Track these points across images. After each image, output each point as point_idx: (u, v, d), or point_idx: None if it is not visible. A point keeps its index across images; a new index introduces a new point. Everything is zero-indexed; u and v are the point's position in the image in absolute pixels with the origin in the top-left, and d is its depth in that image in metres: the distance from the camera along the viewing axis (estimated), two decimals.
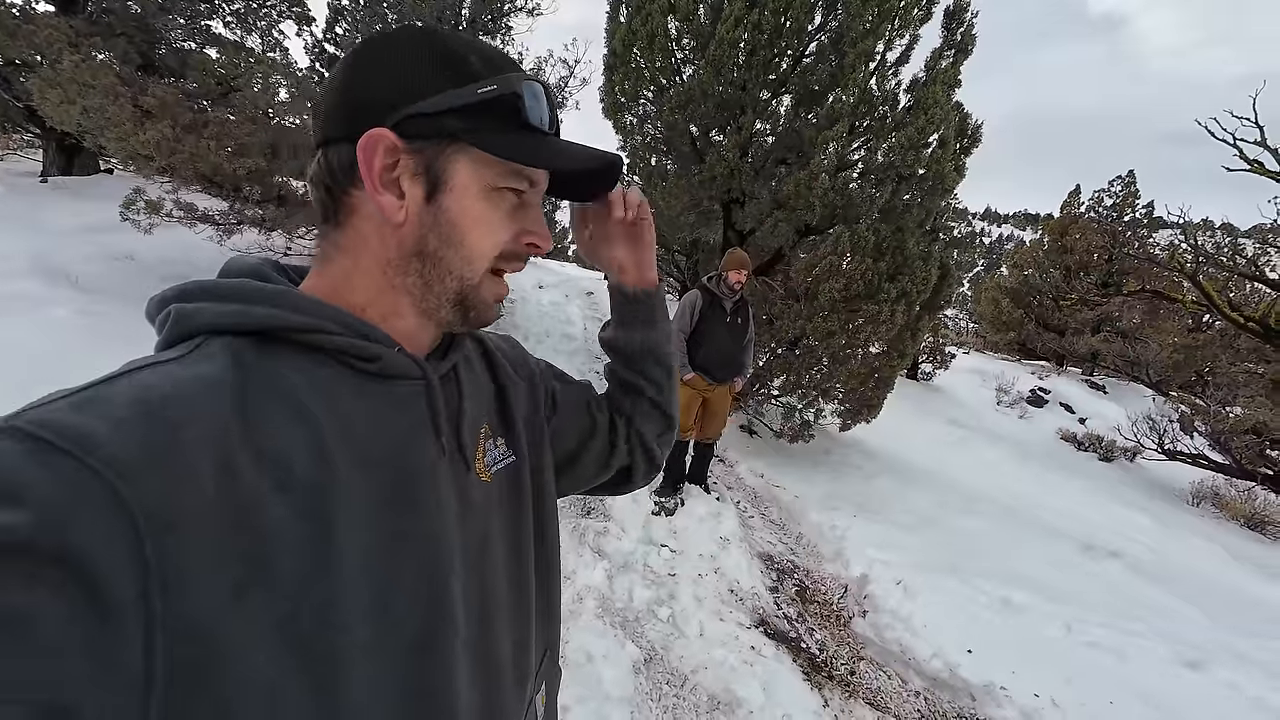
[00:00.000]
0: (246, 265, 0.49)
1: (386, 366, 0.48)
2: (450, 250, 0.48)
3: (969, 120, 4.74)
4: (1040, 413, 10.35)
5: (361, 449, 0.44)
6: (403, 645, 0.44)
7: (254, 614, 0.35)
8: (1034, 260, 16.43)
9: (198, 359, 0.40)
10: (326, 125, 0.47)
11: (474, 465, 0.56)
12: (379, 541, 0.43)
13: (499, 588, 0.56)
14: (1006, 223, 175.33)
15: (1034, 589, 3.58)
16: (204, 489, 0.34)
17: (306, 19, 8.11)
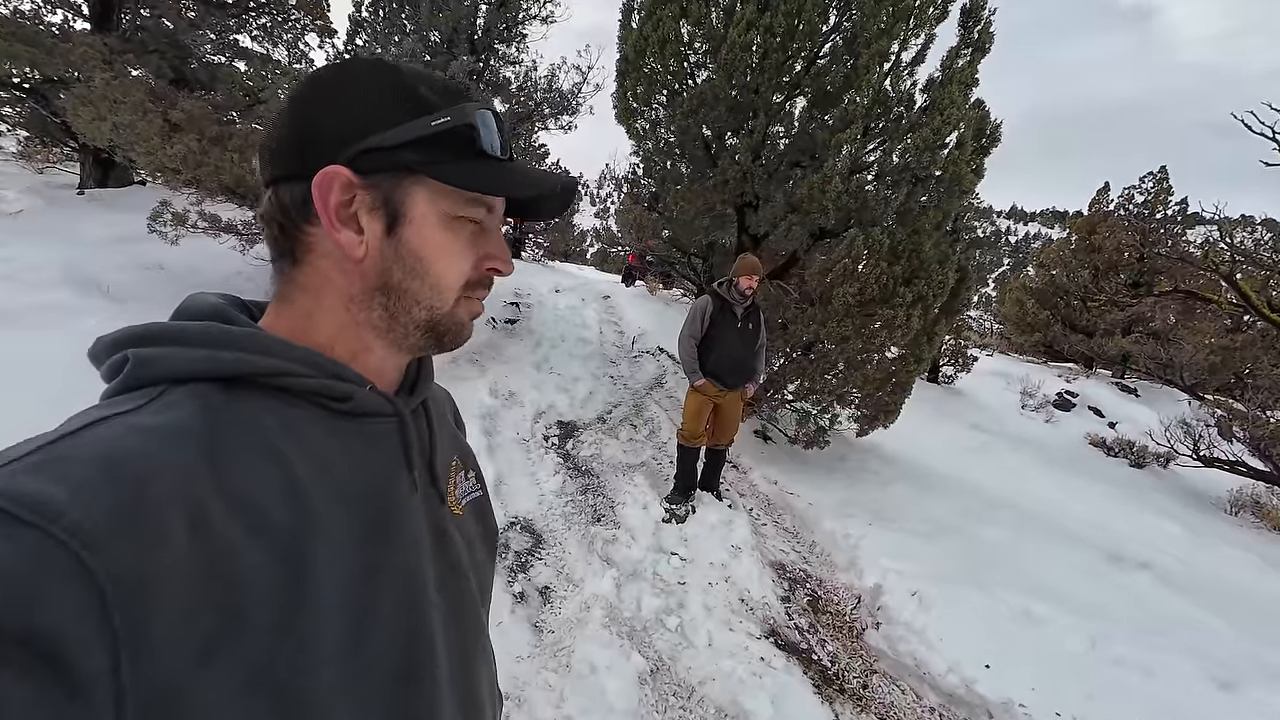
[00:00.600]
0: (209, 305, 0.47)
1: (358, 405, 0.48)
2: (416, 281, 0.48)
3: (988, 119, 4.64)
4: (1067, 417, 10.06)
5: (336, 487, 0.44)
6: (384, 679, 0.44)
7: (226, 670, 0.34)
8: (1061, 260, 15.99)
9: (161, 408, 0.39)
10: (276, 162, 0.47)
11: (448, 498, 0.57)
12: (356, 577, 0.43)
13: (473, 621, 0.57)
14: (1033, 220, 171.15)
15: (1056, 601, 3.47)
16: (174, 547, 0.33)
17: (329, 31, 8.30)
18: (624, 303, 11.12)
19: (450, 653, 0.51)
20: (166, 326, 0.44)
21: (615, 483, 3.97)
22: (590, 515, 3.50)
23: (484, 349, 6.38)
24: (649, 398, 6.03)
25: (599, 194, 19.02)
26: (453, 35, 5.94)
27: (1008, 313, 17.29)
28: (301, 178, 0.45)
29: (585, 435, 4.73)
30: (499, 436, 4.25)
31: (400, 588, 0.47)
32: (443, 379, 3.17)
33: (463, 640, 0.54)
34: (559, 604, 2.70)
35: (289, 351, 0.45)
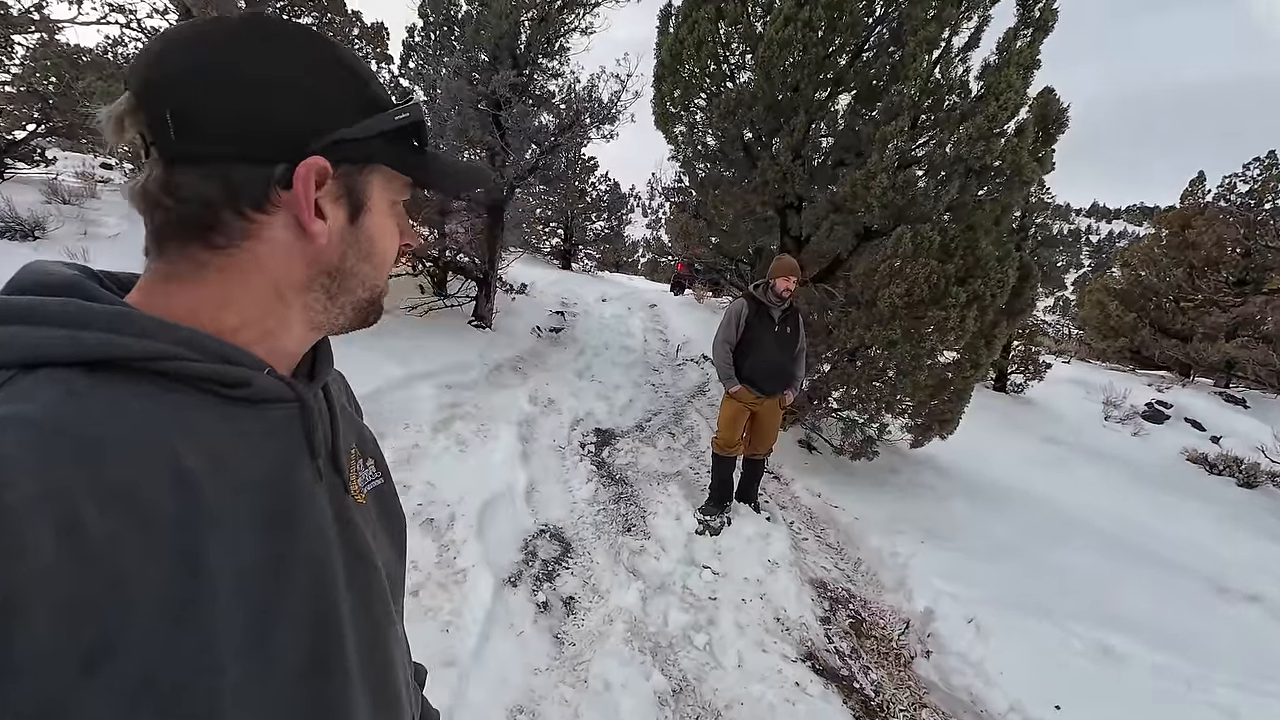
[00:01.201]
0: (61, 278, 0.41)
1: (256, 391, 0.44)
2: (366, 264, 0.50)
3: (1054, 104, 4.28)
4: (1160, 430, 9.11)
5: (231, 477, 0.40)
6: (292, 673, 0.42)
7: (114, 678, 0.31)
8: (1150, 258, 14.62)
9: (11, 397, 0.34)
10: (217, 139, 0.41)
11: (351, 486, 0.55)
12: (258, 569, 0.40)
13: (383, 611, 0.55)
14: (1117, 218, 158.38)
15: (1143, 635, 3.09)
16: (42, 558, 0.29)
17: (386, 57, 8.80)
18: (670, 311, 11.08)
19: (361, 644, 0.49)
20: (10, 302, 0.38)
21: (649, 492, 3.88)
22: (621, 525, 3.42)
23: (527, 356, 6.47)
24: (690, 406, 5.91)
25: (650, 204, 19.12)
26: (496, 52, 6.11)
27: (1087, 316, 15.96)
28: (263, 162, 0.42)
29: (622, 443, 4.67)
30: (535, 443, 4.26)
31: (306, 578, 0.44)
32: (485, 387, 3.21)
33: (373, 630, 0.52)
34: (583, 615, 2.63)
35: (170, 333, 0.40)
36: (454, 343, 5.86)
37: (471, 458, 3.77)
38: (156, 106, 0.40)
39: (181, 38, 0.42)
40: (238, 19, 0.43)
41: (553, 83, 6.99)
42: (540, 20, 6.15)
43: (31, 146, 8.87)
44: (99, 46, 7.95)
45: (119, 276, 0.47)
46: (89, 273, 0.44)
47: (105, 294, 0.42)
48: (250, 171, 0.42)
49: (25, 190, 6.76)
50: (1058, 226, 13.73)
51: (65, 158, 11.23)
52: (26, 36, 7.35)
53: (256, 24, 0.43)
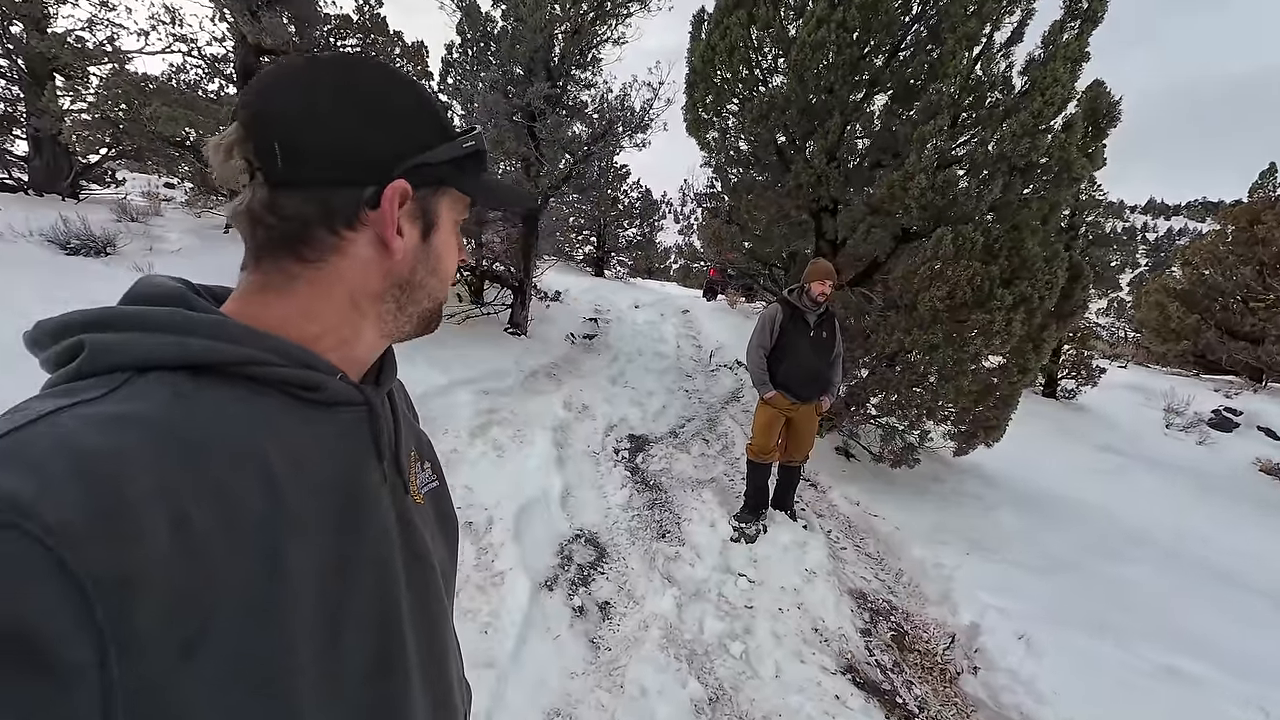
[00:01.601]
0: (168, 290, 0.46)
1: (329, 395, 0.48)
2: (432, 277, 0.54)
3: (1104, 97, 4.09)
4: (1228, 438, 8.54)
5: (309, 477, 0.44)
6: (359, 670, 0.44)
7: (209, 663, 0.34)
8: (1214, 256, 13.76)
9: (128, 397, 0.37)
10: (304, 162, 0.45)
11: (411, 487, 0.57)
12: (330, 569, 0.43)
13: (439, 611, 0.57)
14: (1177, 214, 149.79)
15: (1213, 657, 2.90)
16: (156, 546, 0.32)
17: (427, 75, 9.09)
18: (703, 317, 11.04)
19: (419, 643, 0.52)
20: (125, 311, 0.42)
21: (683, 498, 3.87)
22: (655, 531, 3.42)
23: (562, 363, 6.55)
24: (724, 412, 5.87)
25: (682, 210, 19.16)
26: (531, 65, 6.25)
27: (1145, 318, 15.13)
28: (354, 184, 0.47)
29: (656, 449, 4.67)
30: (570, 449, 4.30)
31: (372, 579, 0.47)
32: (520, 393, 3.29)
33: (430, 629, 0.55)
34: (618, 621, 2.64)
35: (258, 340, 0.44)
36: (490, 349, 5.99)
37: (508, 463, 3.83)
38: (264, 138, 0.45)
39: (284, 76, 0.47)
40: (328, 59, 0.49)
41: (585, 93, 7.11)
42: (574, 33, 6.27)
43: (103, 169, 9.54)
44: (163, 74, 8.49)
45: (213, 289, 0.51)
46: (190, 285, 0.49)
47: (204, 304, 0.46)
48: (346, 194, 0.47)
49: (98, 209, 7.26)
50: (1111, 224, 13.08)
51: (132, 178, 12.02)
52: (100, 67, 7.91)
53: (346, 64, 0.49)
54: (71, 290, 4.56)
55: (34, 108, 7.40)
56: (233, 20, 7.72)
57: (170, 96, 7.18)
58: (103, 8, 7.82)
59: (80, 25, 7.77)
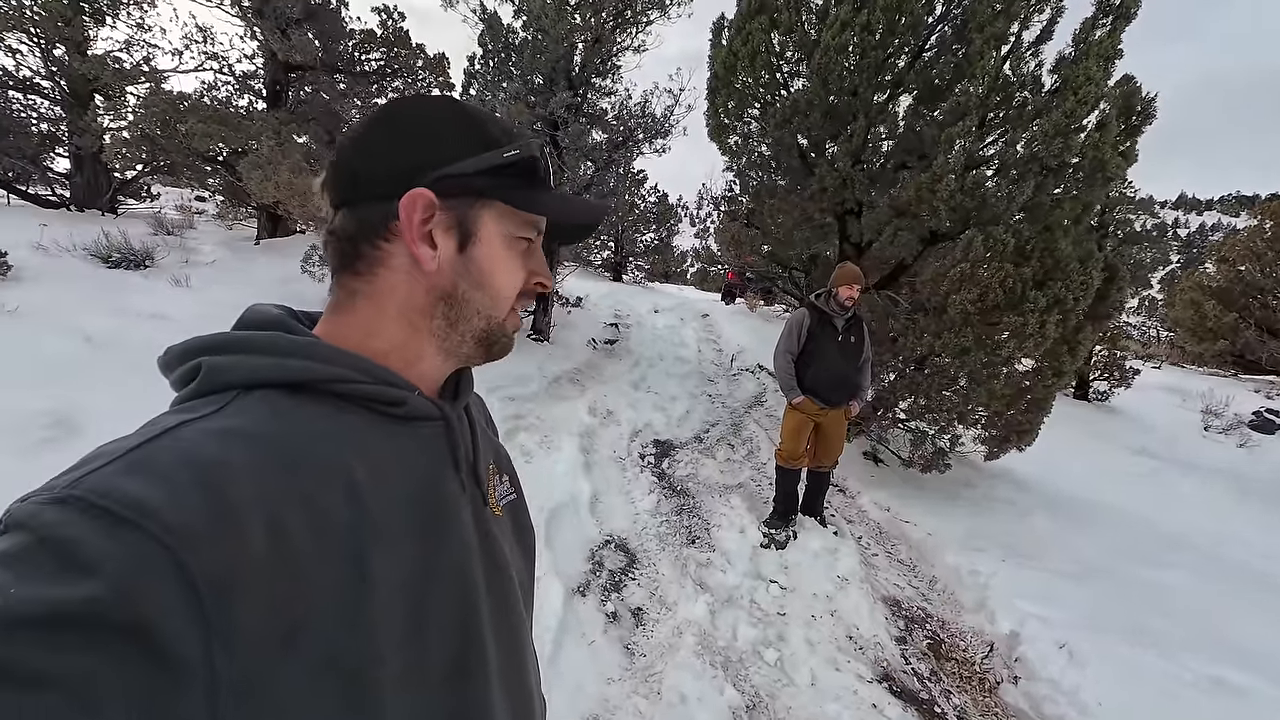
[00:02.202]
0: (270, 316, 0.50)
1: (409, 410, 0.50)
2: (478, 293, 0.53)
3: (1138, 94, 4.01)
4: (1270, 440, 8.26)
5: (392, 488, 0.46)
6: (441, 674, 0.46)
7: (301, 661, 0.36)
8: (1251, 252, 13.31)
9: (235, 413, 0.41)
10: (356, 185, 0.51)
11: (489, 499, 0.60)
12: (413, 576, 0.45)
13: (517, 619, 0.59)
14: (1209, 209, 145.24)
15: (1263, 668, 2.80)
16: (256, 548, 0.35)
17: (449, 85, 9.25)
18: (722, 320, 11.01)
19: (499, 651, 0.53)
20: (234, 336, 0.47)
21: (711, 504, 3.87)
22: (685, 537, 3.42)
23: (584, 369, 6.59)
24: (748, 416, 5.85)
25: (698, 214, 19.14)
26: (552, 74, 6.33)
27: (1179, 317, 14.68)
28: (382, 198, 0.50)
29: (681, 454, 4.68)
30: (596, 454, 4.33)
31: (452, 587, 0.49)
32: (544, 399, 3.31)
33: (510, 640, 0.56)
34: (651, 627, 2.65)
35: (346, 359, 0.48)
36: (514, 356, 5.98)
37: (536, 468, 3.87)
38: (331, 170, 0.52)
39: (359, 121, 0.53)
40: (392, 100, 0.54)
41: (605, 100, 7.17)
42: (594, 41, 6.33)
43: (140, 184, 9.86)
44: (196, 91, 8.77)
45: (310, 314, 0.56)
46: (290, 311, 0.53)
47: (300, 328, 0.51)
48: (377, 207, 0.50)
49: (135, 224, 7.51)
50: (1141, 221, 12.74)
51: (165, 192, 12.41)
52: (137, 87, 8.20)
53: (401, 100, 0.53)
54: (114, 303, 4.73)
55: (75, 126, 7.69)
56: (263, 38, 7.95)
57: (204, 113, 7.41)
58: (139, 29, 8.11)
59: (118, 47, 8.05)
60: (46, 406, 2.93)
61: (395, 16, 8.88)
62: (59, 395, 3.07)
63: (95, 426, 2.97)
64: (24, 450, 2.62)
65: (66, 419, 2.93)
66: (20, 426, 2.75)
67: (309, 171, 5.14)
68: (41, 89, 7.94)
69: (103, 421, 3.04)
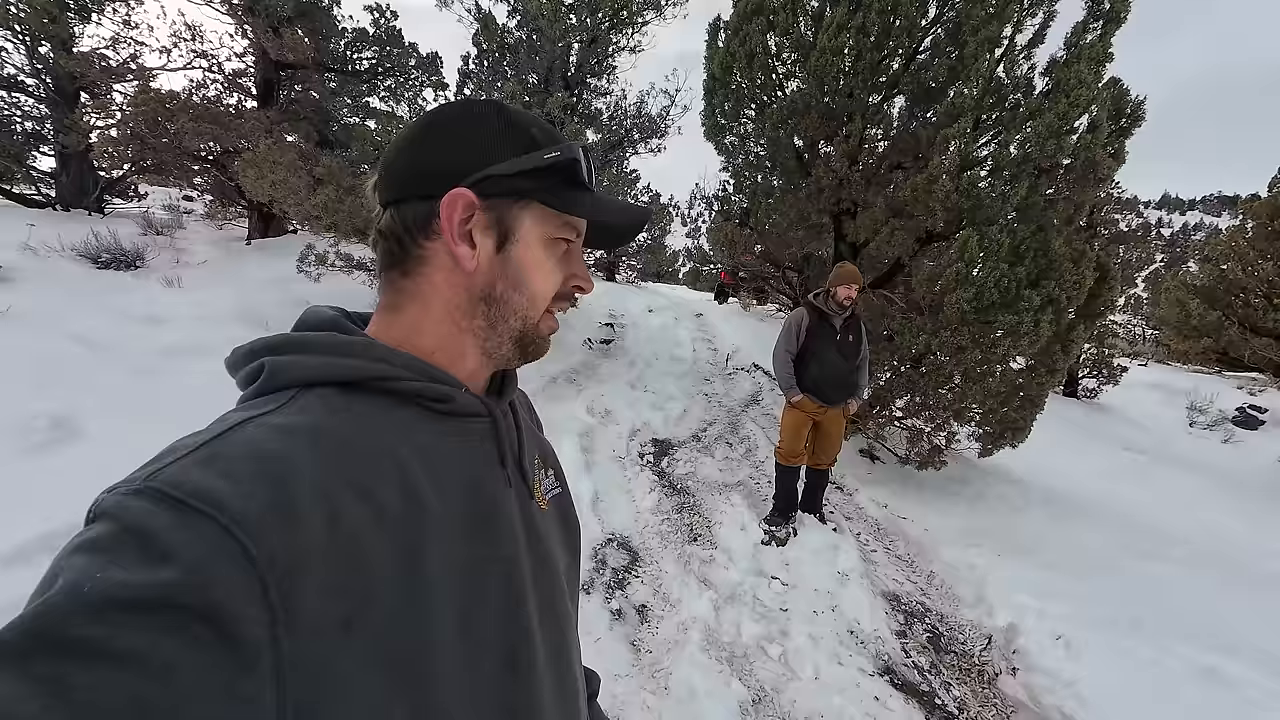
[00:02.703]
0: (326, 317, 0.52)
1: (457, 406, 0.52)
2: (516, 293, 0.54)
3: (1127, 97, 4.09)
4: (1254, 436, 8.44)
5: (442, 482, 0.48)
6: (492, 664, 0.48)
7: (360, 645, 0.38)
8: (1234, 251, 13.49)
9: (295, 410, 0.43)
10: (402, 185, 0.52)
11: (535, 493, 0.61)
12: (463, 567, 0.47)
13: (563, 612, 0.60)
14: (1192, 209, 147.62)
15: (1254, 659, 2.87)
16: (316, 535, 0.37)
17: (442, 85, 9.20)
18: (717, 320, 11.05)
19: (546, 641, 0.54)
20: (293, 337, 0.49)
21: (711, 502, 3.89)
22: (687, 534, 3.45)
23: (581, 369, 6.60)
24: (745, 415, 5.89)
25: (689, 214, 19.24)
26: (548, 75, 6.33)
27: (1165, 316, 14.88)
28: (426, 198, 0.51)
29: (680, 453, 4.70)
30: (596, 454, 4.34)
31: (502, 578, 0.50)
32: (541, 399, 3.32)
33: (555, 629, 0.57)
34: (656, 624, 2.67)
35: (396, 357, 0.49)
36: None
37: None
38: (381, 171, 0.54)
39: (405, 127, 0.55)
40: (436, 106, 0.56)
41: (601, 101, 7.19)
42: (590, 42, 6.34)
43: (127, 183, 9.73)
44: (184, 90, 8.66)
45: (363, 315, 0.57)
46: (344, 312, 0.55)
47: (354, 328, 0.52)
48: (419, 206, 0.51)
49: (124, 223, 7.42)
50: (1127, 220, 12.94)
51: (152, 191, 12.24)
52: (125, 84, 8.10)
53: (450, 104, 0.55)
54: (107, 304, 4.67)
55: (61, 125, 7.57)
56: (253, 36, 7.88)
57: (194, 112, 7.33)
58: (126, 26, 8.00)
59: (105, 44, 7.94)
60: (45, 408, 2.90)
61: (388, 15, 8.83)
62: (57, 397, 3.04)
63: (96, 427, 2.95)
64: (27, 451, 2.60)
65: (66, 420, 2.90)
66: (21, 428, 2.72)
67: (304, 170, 5.10)
68: (26, 87, 7.82)
69: (103, 422, 3.01)
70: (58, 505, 2.33)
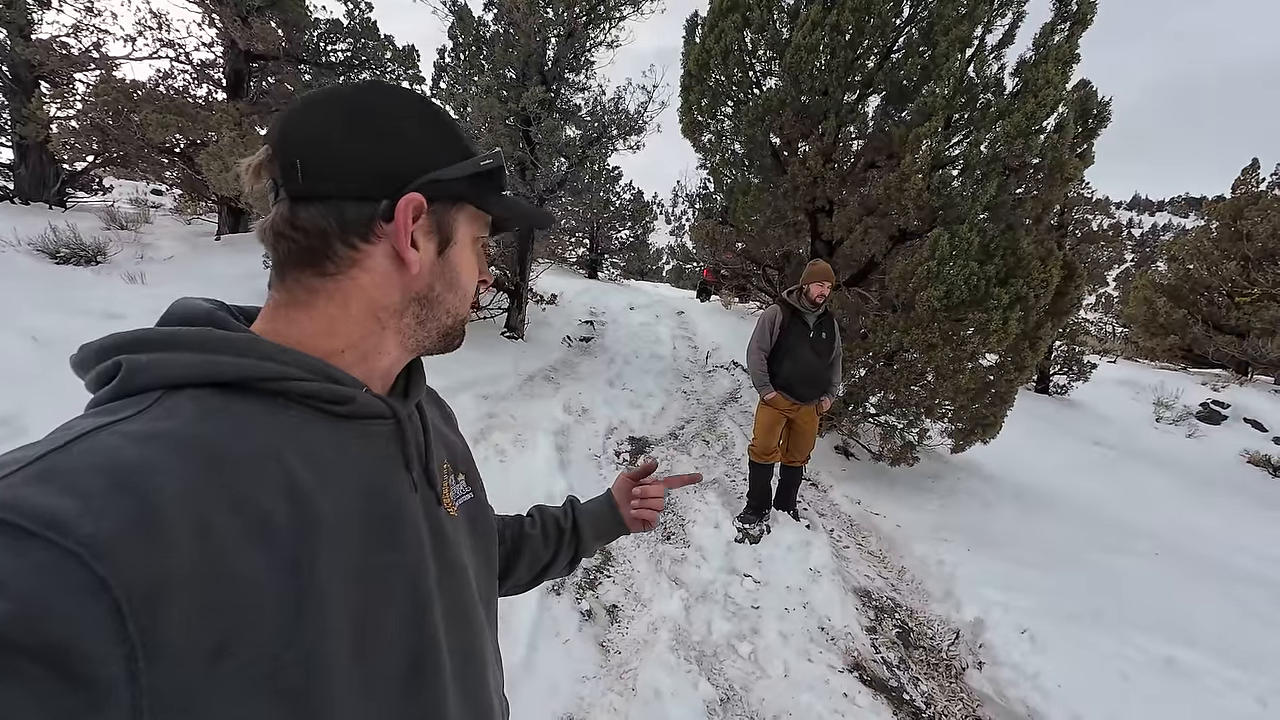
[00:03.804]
0: (201, 310, 0.47)
1: (357, 408, 0.49)
2: (449, 293, 0.54)
3: (1094, 98, 4.16)
4: (1216, 431, 8.68)
5: (338, 489, 0.44)
6: (393, 678, 0.45)
7: (236, 672, 0.35)
8: (1199, 251, 13.96)
9: (159, 415, 0.38)
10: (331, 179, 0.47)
11: (443, 499, 0.58)
12: (362, 576, 0.44)
13: (476, 621, 0.58)
14: (1160, 210, 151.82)
15: (1211, 648, 2.95)
16: (182, 556, 0.33)
17: (418, 79, 9.06)
18: (698, 318, 11.06)
19: (455, 653, 0.52)
20: (158, 332, 0.44)
21: (686, 499, 3.88)
22: (659, 533, 3.43)
23: (559, 367, 6.55)
24: (723, 413, 5.89)
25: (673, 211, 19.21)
26: (525, 69, 6.26)
27: (1133, 314, 15.33)
28: (366, 199, 0.48)
29: (657, 451, 4.68)
30: (571, 452, 4.30)
31: (405, 586, 0.48)
32: (518, 397, 3.28)
33: (468, 641, 0.55)
34: (626, 624, 2.65)
35: (287, 355, 0.45)
36: (488, 354, 5.98)
37: (510, 467, 3.83)
38: (287, 156, 0.47)
39: (310, 103, 0.49)
40: (351, 86, 0.50)
41: (579, 96, 7.12)
42: (567, 36, 6.28)
43: (90, 176, 9.42)
44: (150, 80, 8.40)
45: (246, 309, 0.53)
46: (222, 305, 0.50)
47: (235, 323, 0.48)
48: (360, 207, 0.47)
49: (86, 218, 7.17)
50: (1098, 221, 13.22)
51: (118, 185, 11.88)
52: (87, 74, 7.82)
53: (365, 89, 0.50)
54: (64, 301, 4.51)
55: (19, 115, 7.30)
56: (222, 26, 7.66)
57: (160, 103, 7.11)
58: (88, 13, 7.73)
59: (65, 31, 7.66)
60: None
61: (362, 6, 8.66)
62: (6, 396, 2.92)
63: (40, 426, 2.83)
64: None
65: (11, 419, 2.78)
66: None
67: None
68: None
69: (50, 421, 2.89)
70: None
